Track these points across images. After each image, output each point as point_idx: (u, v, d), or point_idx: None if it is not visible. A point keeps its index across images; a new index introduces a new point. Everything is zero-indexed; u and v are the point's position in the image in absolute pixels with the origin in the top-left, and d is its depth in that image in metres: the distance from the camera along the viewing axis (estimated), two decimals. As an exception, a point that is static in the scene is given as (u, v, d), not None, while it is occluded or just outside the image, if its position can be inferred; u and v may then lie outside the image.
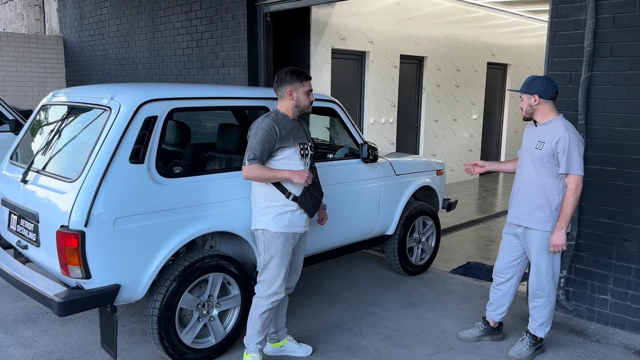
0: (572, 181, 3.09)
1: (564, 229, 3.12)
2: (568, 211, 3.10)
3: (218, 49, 6.87)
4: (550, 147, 3.11)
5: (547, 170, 3.17)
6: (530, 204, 3.25)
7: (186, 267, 3.10)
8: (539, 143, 3.19)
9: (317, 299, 4.36)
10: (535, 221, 3.25)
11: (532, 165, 3.24)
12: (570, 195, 3.09)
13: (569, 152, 3.06)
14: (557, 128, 3.13)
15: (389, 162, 4.45)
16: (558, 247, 3.14)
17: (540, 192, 3.21)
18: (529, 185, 3.25)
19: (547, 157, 3.14)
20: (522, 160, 3.33)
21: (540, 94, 3.16)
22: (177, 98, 3.12)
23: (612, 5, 3.58)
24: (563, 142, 3.06)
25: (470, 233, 6.55)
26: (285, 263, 3.13)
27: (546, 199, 3.20)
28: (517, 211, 3.34)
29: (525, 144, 3.32)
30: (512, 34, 10.67)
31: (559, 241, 3.13)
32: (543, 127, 3.22)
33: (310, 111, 3.24)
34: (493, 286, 3.66)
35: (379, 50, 8.02)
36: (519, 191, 3.33)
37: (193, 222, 3.12)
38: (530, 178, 3.25)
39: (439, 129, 9.47)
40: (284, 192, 3.09)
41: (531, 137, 3.28)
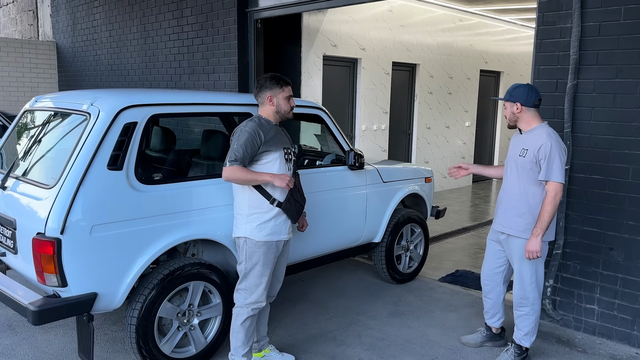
0: (551, 188, 3.06)
1: (540, 235, 3.07)
2: (545, 218, 3.05)
3: (209, 55, 6.85)
4: (532, 154, 3.11)
5: (529, 177, 3.16)
6: (513, 211, 3.25)
7: (165, 275, 3.06)
8: (522, 150, 3.19)
9: (303, 307, 4.31)
10: (517, 229, 3.23)
11: (515, 173, 3.24)
12: (548, 203, 3.05)
13: (549, 159, 3.04)
14: (539, 135, 3.13)
15: (376, 169, 4.42)
16: (533, 254, 3.09)
17: (522, 200, 3.20)
18: (513, 193, 3.25)
19: (530, 164, 3.13)
20: (507, 168, 3.34)
21: (522, 101, 3.17)
22: (157, 104, 3.09)
23: (598, 13, 3.57)
24: (545, 149, 3.06)
25: (461, 241, 6.51)
26: (267, 272, 3.09)
27: (528, 206, 3.18)
28: (500, 218, 3.34)
29: (511, 152, 3.33)
30: (505, 42, 10.69)
31: (534, 247, 3.08)
32: (527, 134, 3.22)
33: (291, 116, 3.23)
34: (483, 295, 3.67)
35: (370, 57, 8.01)
36: (502, 198, 3.34)
37: (173, 229, 3.07)
38: (513, 185, 3.25)
39: (432, 136, 9.46)
40: (267, 197, 3.06)
41: (516, 145, 3.29)
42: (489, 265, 3.55)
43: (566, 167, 3.78)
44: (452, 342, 3.76)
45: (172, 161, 3.81)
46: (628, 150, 3.54)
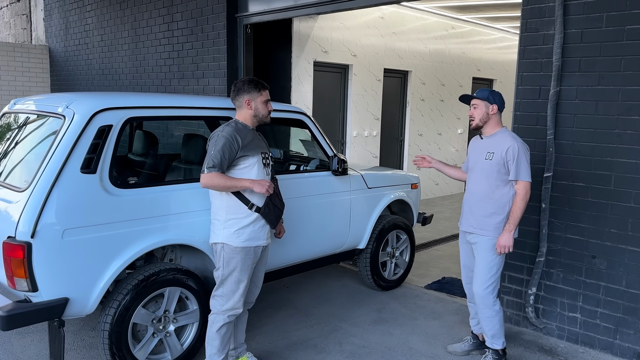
0: (521, 187, 3.20)
1: (512, 231, 3.21)
2: (517, 214, 3.20)
3: (198, 59, 6.83)
4: (500, 156, 3.21)
5: (497, 179, 3.25)
6: (482, 212, 3.32)
7: (140, 280, 3.02)
8: (488, 154, 3.29)
9: (285, 314, 4.27)
10: (488, 229, 3.31)
11: (482, 176, 3.31)
12: (520, 200, 3.20)
13: (517, 160, 3.17)
14: (504, 138, 3.25)
15: (361, 175, 4.39)
16: (505, 248, 3.21)
17: (491, 201, 3.29)
18: (481, 195, 3.32)
19: (497, 167, 3.23)
20: (472, 172, 3.42)
21: (499, 105, 3.29)
22: (133, 107, 3.06)
23: (580, 20, 3.56)
24: (512, 150, 3.17)
25: (450, 248, 6.48)
26: (245, 278, 3.05)
27: (497, 206, 3.28)
28: (469, 219, 3.41)
29: (473, 157, 3.42)
30: (498, 50, 10.71)
31: (506, 242, 3.21)
32: (490, 138, 3.32)
33: (269, 121, 3.20)
34: (468, 300, 3.69)
35: (362, 63, 8.01)
36: (469, 201, 3.41)
37: (148, 234, 3.03)
38: (481, 188, 3.32)
39: (424, 143, 9.45)
40: (246, 203, 3.02)
41: (478, 150, 3.38)
42: (467, 269, 3.59)
43: (548, 174, 3.77)
44: (434, 350, 3.72)
45: (151, 165, 3.78)
46: (610, 158, 3.52)
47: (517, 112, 3.95)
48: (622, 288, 3.54)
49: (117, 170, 3.44)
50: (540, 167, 3.83)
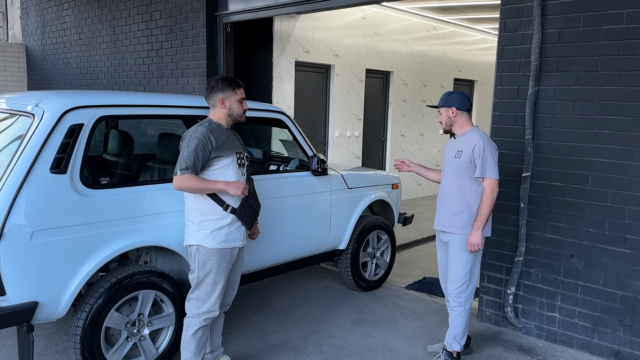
0: (488, 184, 3.23)
1: (480, 229, 3.23)
2: (484, 212, 3.22)
3: (177, 58, 6.74)
4: (467, 154, 3.26)
5: (465, 177, 3.29)
6: (452, 210, 3.35)
7: (113, 283, 2.94)
8: (457, 152, 3.33)
9: (264, 316, 4.21)
10: (457, 226, 3.33)
11: (452, 174, 3.36)
12: (487, 198, 3.22)
13: (483, 158, 3.21)
14: (472, 137, 3.29)
15: (341, 175, 4.36)
16: (474, 246, 3.24)
17: (460, 199, 3.32)
18: (451, 193, 3.36)
19: (466, 164, 3.27)
20: (444, 171, 3.46)
21: (457, 106, 3.31)
22: (105, 105, 2.98)
23: (558, 20, 3.58)
24: (478, 148, 3.22)
25: (431, 248, 6.48)
26: (221, 280, 2.99)
27: (466, 204, 3.30)
28: (441, 218, 3.44)
29: (446, 156, 3.46)
30: (479, 51, 10.78)
31: (475, 240, 3.23)
32: (460, 137, 3.37)
33: (244, 120, 3.14)
34: (446, 301, 3.63)
35: (344, 63, 7.99)
36: (442, 199, 3.44)
37: (121, 236, 2.96)
38: (451, 186, 3.36)
39: (406, 144, 9.46)
40: (221, 204, 2.97)
41: (450, 149, 3.43)
42: (443, 267, 3.60)
43: (527, 174, 3.78)
44: (414, 351, 3.70)
45: (125, 165, 3.69)
46: (588, 157, 3.54)
47: (495, 112, 3.95)
48: (599, 287, 3.55)
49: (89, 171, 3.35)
50: (519, 167, 3.84)
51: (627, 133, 3.36)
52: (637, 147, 3.33)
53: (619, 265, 3.46)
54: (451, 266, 3.39)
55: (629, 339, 3.46)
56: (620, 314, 3.48)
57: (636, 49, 3.28)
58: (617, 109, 3.39)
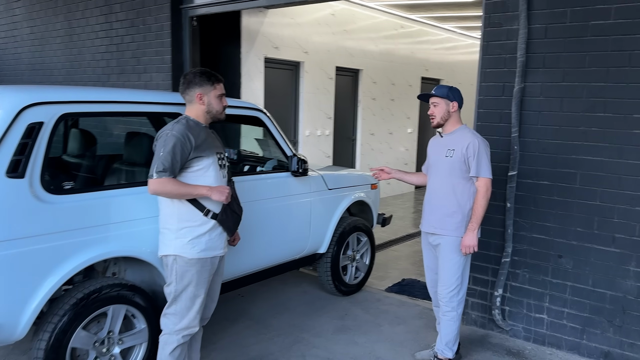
0: (482, 184, 3.12)
1: (476, 230, 3.12)
2: (479, 213, 3.12)
3: (140, 53, 6.38)
4: (460, 153, 3.13)
5: (458, 176, 3.17)
6: (443, 211, 3.22)
7: (79, 299, 2.65)
8: (448, 151, 3.19)
9: (242, 326, 3.97)
10: (449, 228, 3.20)
11: (443, 174, 3.22)
12: (482, 198, 3.11)
13: (478, 157, 3.09)
14: (464, 135, 3.17)
15: (321, 175, 4.17)
16: (469, 248, 3.12)
17: (452, 199, 3.19)
18: (441, 194, 3.23)
19: (459, 164, 3.14)
20: (432, 171, 3.31)
21: (459, 102, 3.20)
22: (69, 102, 2.68)
23: (544, 15, 3.49)
24: (472, 146, 3.10)
25: (406, 248, 6.37)
26: (202, 293, 2.75)
27: (458, 205, 3.18)
28: (430, 219, 3.29)
29: (434, 155, 3.32)
30: (445, 50, 10.80)
31: (470, 242, 3.11)
32: (450, 136, 3.23)
33: (224, 117, 2.90)
34: (433, 305, 3.55)
35: (314, 60, 7.79)
36: (431, 200, 3.31)
37: (87, 246, 2.67)
38: (442, 186, 3.23)
39: (375, 143, 9.35)
40: (201, 209, 2.72)
41: (438, 148, 3.29)
42: (431, 271, 3.47)
43: (513, 173, 3.68)
44: (402, 358, 3.54)
45: (89, 167, 3.38)
46: (575, 155, 3.47)
47: (480, 109, 3.85)
48: (588, 287, 3.49)
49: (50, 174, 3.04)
50: (505, 165, 3.74)
51: (616, 130, 3.31)
52: (626, 145, 3.28)
53: (609, 265, 3.40)
54: (443, 269, 3.25)
55: (619, 339, 3.41)
56: (609, 314, 3.43)
57: (624, 45, 3.23)
58: (605, 106, 3.33)
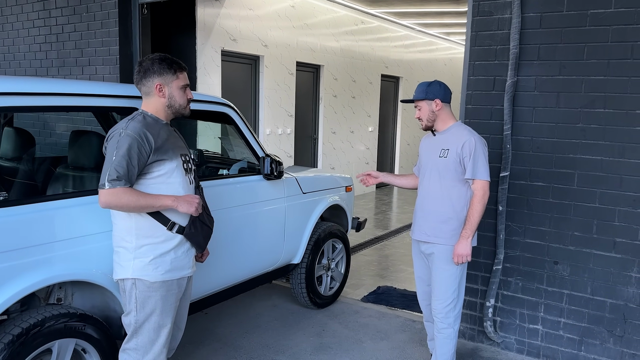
0: (479, 187, 2.81)
1: (470, 237, 2.81)
2: (475, 219, 2.81)
3: (83, 44, 5.76)
4: (455, 152, 2.83)
5: (453, 179, 2.87)
6: (437, 217, 2.91)
7: (16, 336, 2.14)
8: (442, 151, 2.89)
9: (208, 349, 3.52)
10: (443, 236, 2.90)
11: (436, 176, 2.92)
12: (478, 202, 2.81)
13: (475, 157, 2.79)
14: (460, 132, 2.87)
15: (295, 178, 3.77)
16: (463, 258, 2.82)
17: (447, 204, 2.89)
18: (435, 198, 2.93)
19: (454, 165, 2.85)
20: (424, 173, 3.01)
21: (441, 97, 2.87)
22: (8, 93, 2.16)
23: (539, 3, 3.24)
24: (469, 146, 2.80)
25: (376, 252, 6.07)
26: (168, 322, 2.31)
27: (454, 210, 2.88)
28: (423, 227, 2.98)
29: (426, 155, 3.02)
30: (403, 48, 10.62)
31: (464, 251, 2.81)
32: (443, 134, 2.94)
33: (188, 113, 2.46)
34: (425, 319, 3.25)
35: (274, 55, 7.36)
36: (423, 205, 2.99)
37: (28, 270, 2.16)
38: (435, 190, 2.92)
39: (337, 142, 9.03)
40: (164, 222, 2.28)
41: (431, 147, 2.99)
42: (422, 282, 3.17)
43: (505, 173, 3.42)
44: (391, 381, 3.21)
45: (26, 173, 2.83)
46: (573, 155, 3.24)
47: (468, 105, 3.56)
48: (587, 295, 3.27)
49: None
50: (496, 165, 3.47)
51: (617, 127, 3.09)
52: (627, 143, 3.07)
53: (609, 271, 3.19)
54: (437, 282, 2.94)
55: (619, 350, 3.21)
56: (610, 323, 3.22)
57: (627, 35, 3.01)
58: (605, 102, 3.12)
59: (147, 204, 2.17)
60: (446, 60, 12.43)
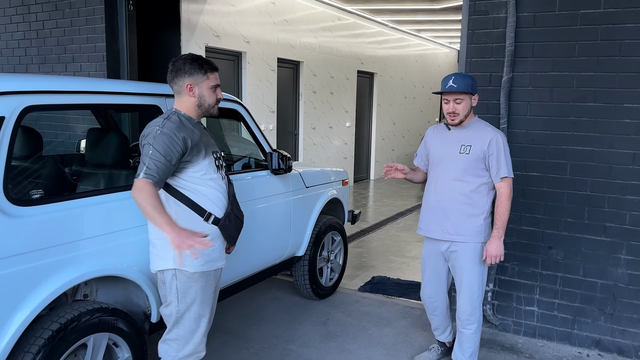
0: (506, 185, 2.83)
1: (502, 237, 2.83)
2: (506, 217, 2.82)
3: (66, 40, 5.66)
4: (480, 149, 2.82)
5: (474, 175, 2.86)
6: (459, 215, 2.89)
7: (55, 331, 2.17)
8: (463, 147, 2.87)
9: (220, 342, 3.58)
10: (468, 234, 2.89)
11: (456, 173, 2.88)
12: (507, 200, 2.82)
13: (501, 154, 2.80)
14: (484, 129, 2.86)
15: (299, 173, 3.86)
16: (496, 258, 2.83)
17: (469, 201, 2.88)
18: (456, 195, 2.89)
19: (475, 162, 2.84)
20: (439, 168, 2.97)
21: (477, 93, 2.89)
22: (34, 92, 2.17)
23: (533, 3, 3.43)
24: (496, 143, 2.80)
25: (366, 244, 6.23)
26: (207, 312, 2.38)
27: (476, 207, 2.88)
28: (444, 225, 2.94)
29: (441, 151, 2.96)
30: (377, 44, 10.81)
31: (498, 251, 2.82)
32: (463, 129, 2.90)
33: (216, 112, 2.53)
34: (429, 313, 3.29)
35: (256, 51, 7.40)
36: (442, 203, 2.93)
37: (66, 266, 2.19)
38: (456, 186, 2.89)
39: (317, 137, 9.14)
40: (200, 213, 2.34)
41: (447, 142, 2.94)
42: (433, 284, 3.15)
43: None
44: (400, 364, 3.36)
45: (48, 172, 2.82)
46: (565, 146, 3.46)
47: (465, 100, 3.73)
48: (579, 277, 3.51)
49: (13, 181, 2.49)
50: (493, 157, 3.65)
51: (607, 120, 3.32)
52: (616, 134, 3.31)
53: (599, 254, 3.43)
54: (465, 280, 2.94)
55: (610, 327, 3.45)
56: (600, 302, 3.46)
57: (615, 34, 3.24)
58: (595, 96, 3.34)
59: (153, 216, 2.13)
60: (417, 56, 12.70)
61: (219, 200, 2.42)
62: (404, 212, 8.09)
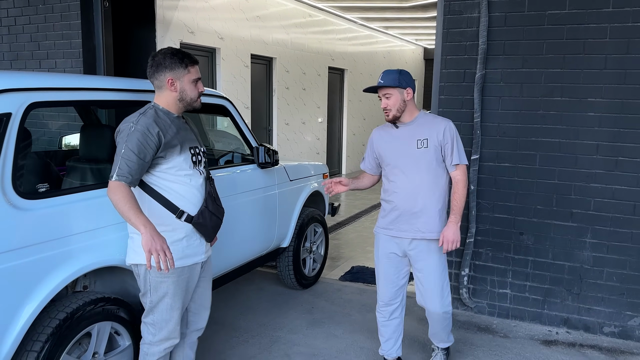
0: (461, 172, 2.83)
1: (459, 223, 2.81)
2: (462, 203, 2.81)
3: (40, 37, 5.60)
4: (436, 140, 2.78)
5: (437, 167, 2.82)
6: (430, 211, 2.83)
7: (62, 320, 2.24)
8: (419, 142, 2.80)
9: (209, 331, 3.68)
10: (438, 229, 2.84)
11: (419, 168, 2.82)
12: (463, 187, 2.82)
13: (456, 142, 2.80)
14: (434, 121, 2.84)
15: (283, 167, 3.99)
16: (453, 244, 2.77)
17: (436, 195, 2.83)
18: (424, 191, 2.82)
19: (435, 154, 2.79)
20: (397, 168, 2.87)
21: (412, 87, 2.82)
22: (38, 88, 2.23)
23: (503, 4, 3.65)
24: (450, 131, 2.79)
25: (341, 236, 6.40)
26: (179, 304, 2.45)
27: (443, 200, 2.86)
28: (415, 224, 2.85)
29: (395, 150, 2.87)
30: (347, 41, 10.99)
31: (455, 236, 2.77)
32: (411, 125, 2.85)
33: (199, 106, 2.53)
34: (384, 320, 3.09)
35: (229, 47, 7.46)
36: (410, 201, 2.84)
37: (73, 257, 2.26)
38: (421, 183, 2.82)
39: (290, 133, 9.26)
40: (173, 210, 2.37)
41: (399, 141, 2.86)
42: (391, 284, 3.01)
43: (475, 156, 3.82)
44: (385, 347, 3.53)
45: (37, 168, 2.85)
46: (535, 138, 3.69)
47: (441, 95, 3.93)
48: (548, 260, 3.76)
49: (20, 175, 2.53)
50: (467, 149, 3.85)
51: (572, 113, 3.57)
52: (581, 127, 3.56)
53: (567, 239, 3.69)
54: (433, 274, 2.88)
55: (577, 306, 3.72)
56: (568, 283, 3.72)
57: (579, 33, 3.49)
58: (562, 91, 3.58)
59: (127, 215, 2.14)
60: (385, 53, 12.95)
61: (194, 196, 2.43)
62: (376, 205, 8.30)
